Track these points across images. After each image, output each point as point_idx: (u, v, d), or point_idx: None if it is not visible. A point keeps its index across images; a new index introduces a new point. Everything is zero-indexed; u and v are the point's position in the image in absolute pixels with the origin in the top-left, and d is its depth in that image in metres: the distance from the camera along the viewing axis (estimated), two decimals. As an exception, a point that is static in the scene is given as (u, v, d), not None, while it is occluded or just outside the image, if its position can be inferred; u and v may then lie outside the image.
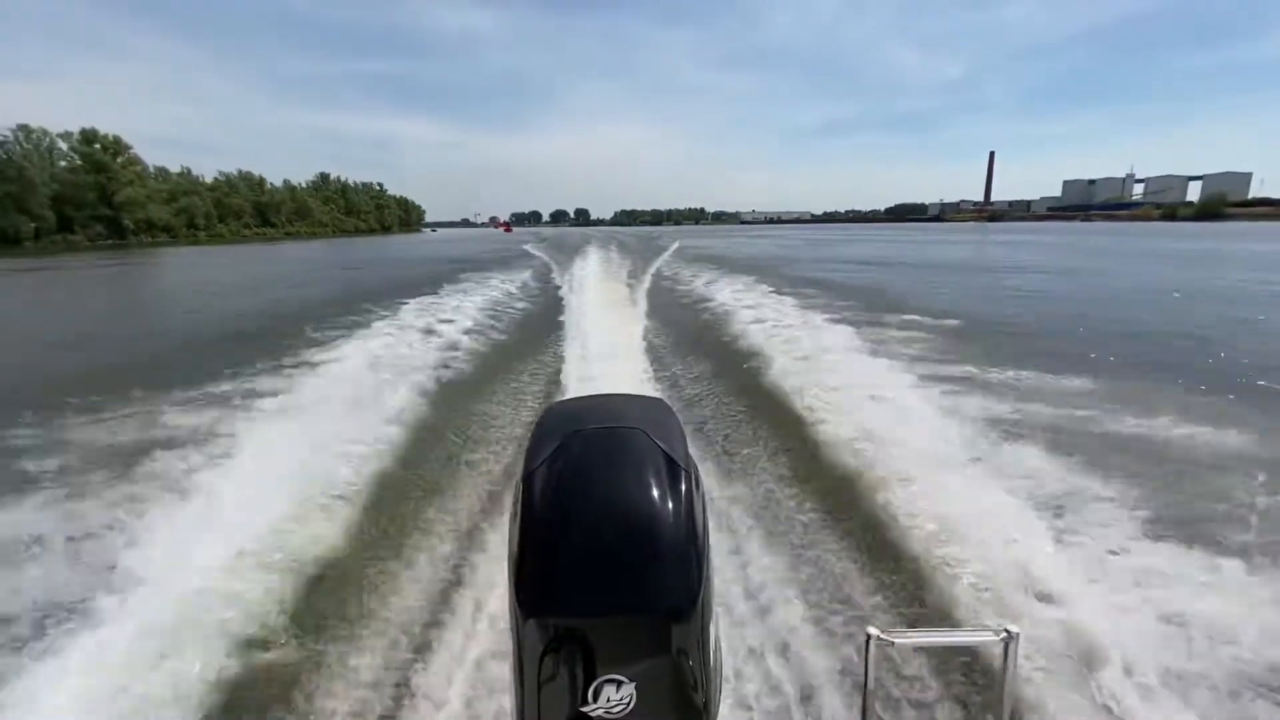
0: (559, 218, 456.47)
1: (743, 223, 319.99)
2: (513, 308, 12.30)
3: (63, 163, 61.91)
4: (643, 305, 12.91)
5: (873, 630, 0.91)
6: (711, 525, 0.91)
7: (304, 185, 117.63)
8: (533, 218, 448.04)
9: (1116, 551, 3.05)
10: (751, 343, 7.78)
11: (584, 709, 0.77)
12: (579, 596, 0.78)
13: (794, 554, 3.37)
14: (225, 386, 6.36)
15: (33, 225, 56.12)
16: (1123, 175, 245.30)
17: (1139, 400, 5.59)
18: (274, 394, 5.86)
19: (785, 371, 6.27)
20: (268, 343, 8.79)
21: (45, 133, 60.67)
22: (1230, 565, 2.89)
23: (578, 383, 6.75)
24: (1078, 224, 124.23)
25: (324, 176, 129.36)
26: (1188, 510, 3.48)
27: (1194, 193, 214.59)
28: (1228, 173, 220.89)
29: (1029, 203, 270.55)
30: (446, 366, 6.94)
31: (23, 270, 30.20)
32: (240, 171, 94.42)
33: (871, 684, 0.95)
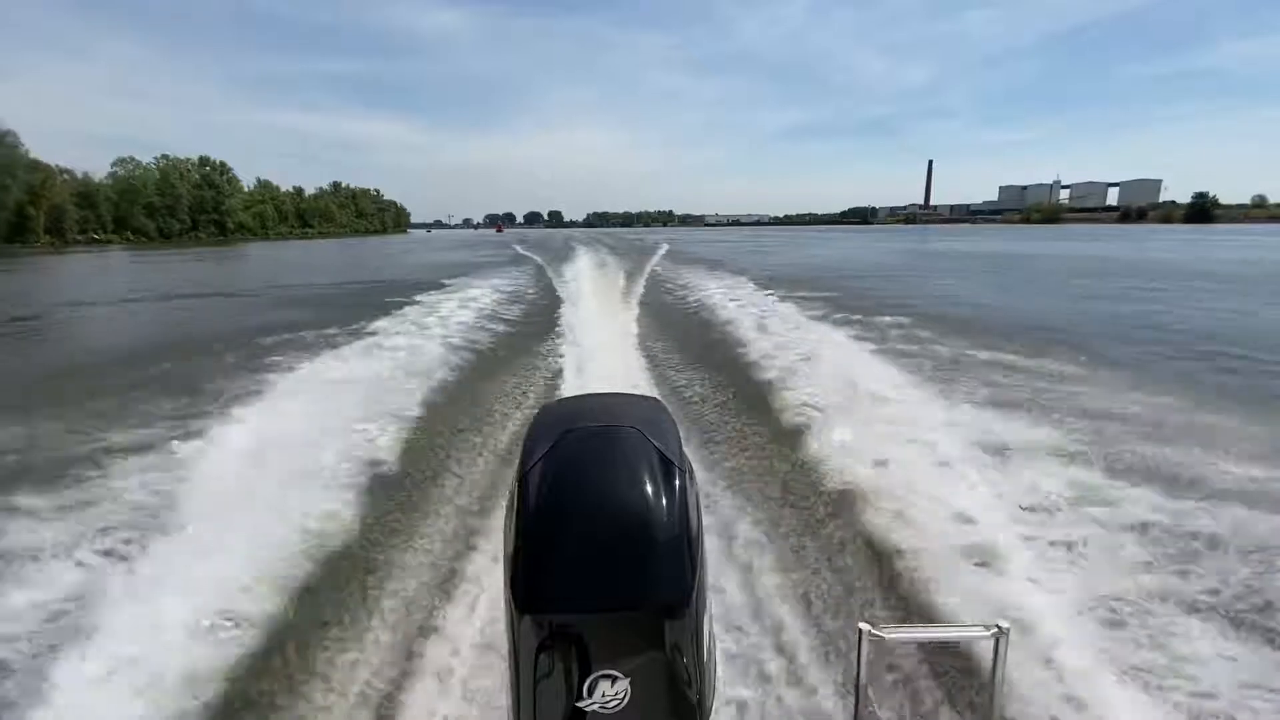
0: (533, 219, 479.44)
1: (706, 225, 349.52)
2: (509, 307, 12.42)
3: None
4: (637, 304, 13.39)
5: (865, 626, 0.93)
6: (705, 522, 0.96)
7: (320, 190, 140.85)
8: (506, 219, 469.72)
9: (1108, 547, 3.06)
10: (746, 342, 7.84)
11: (579, 704, 0.80)
12: (573, 593, 0.81)
13: (787, 550, 3.44)
14: (232, 380, 6.41)
15: (178, 226, 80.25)
16: (1050, 181, 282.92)
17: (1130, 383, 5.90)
18: (271, 389, 5.92)
19: (779, 370, 6.31)
20: (277, 337, 9.04)
21: (177, 158, 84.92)
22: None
23: (573, 382, 6.90)
24: (965, 225, 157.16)
25: (336, 185, 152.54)
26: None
27: (1113, 197, 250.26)
28: (1140, 180, 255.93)
29: (968, 206, 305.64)
30: (442, 365, 6.98)
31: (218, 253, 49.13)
32: (260, 180, 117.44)
33: (864, 679, 0.98)
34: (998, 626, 0.92)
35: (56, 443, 4.88)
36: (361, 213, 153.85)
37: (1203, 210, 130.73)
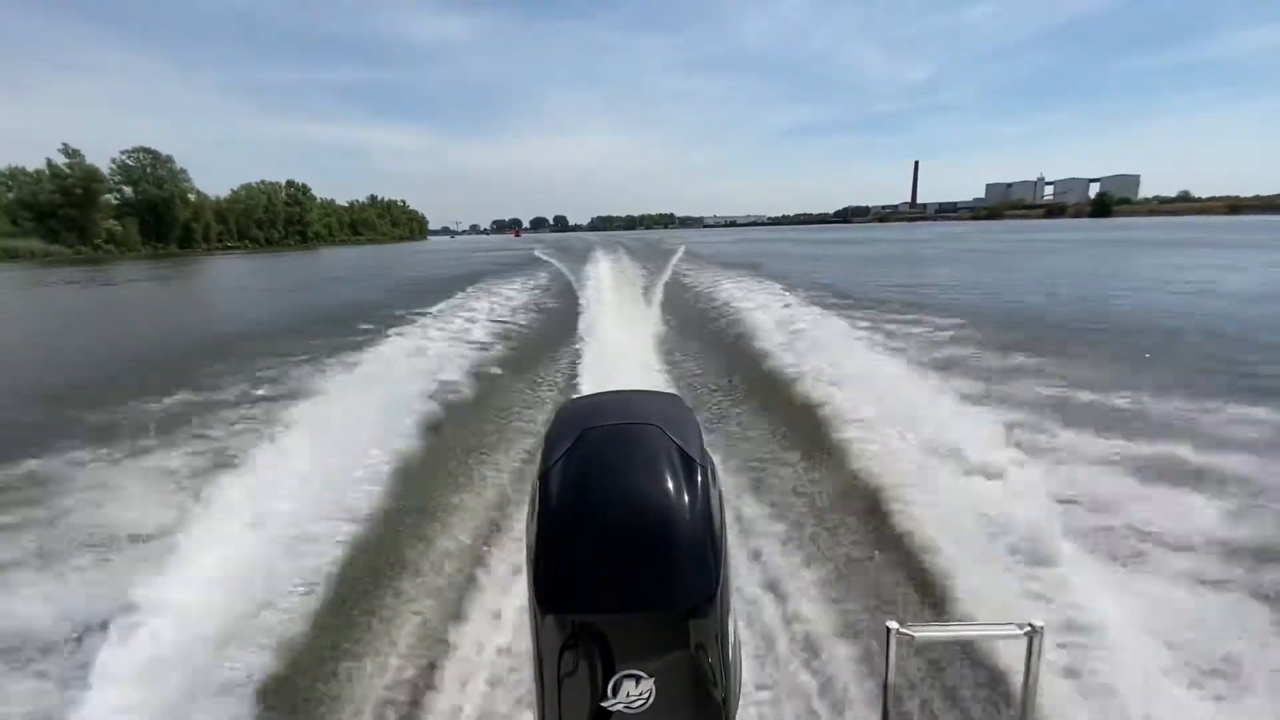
0: (538, 224, 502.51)
1: (705, 226, 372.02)
2: (529, 307, 12.73)
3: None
4: (657, 303, 13.64)
5: (892, 624, 0.93)
6: (729, 520, 0.94)
7: (361, 202, 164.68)
8: (512, 224, 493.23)
9: (1145, 541, 3.06)
10: (766, 339, 7.91)
11: (604, 704, 0.81)
12: (596, 592, 0.81)
13: (812, 547, 3.43)
14: (262, 380, 7.00)
15: (276, 235, 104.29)
16: (1035, 179, 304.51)
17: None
18: (298, 391, 6.19)
19: (801, 365, 6.31)
20: (310, 338, 9.78)
21: (271, 181, 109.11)
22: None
23: (593, 379, 6.96)
24: (928, 222, 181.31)
25: (372, 197, 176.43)
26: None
27: (1094, 192, 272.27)
28: (1120, 175, 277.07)
29: (955, 203, 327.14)
30: (465, 364, 7.17)
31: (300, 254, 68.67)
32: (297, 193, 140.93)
33: (892, 678, 0.97)
34: (1030, 625, 0.91)
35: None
36: (396, 221, 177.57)
37: (1104, 207, 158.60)
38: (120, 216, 74.31)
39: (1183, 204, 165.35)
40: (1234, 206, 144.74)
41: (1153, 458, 4.17)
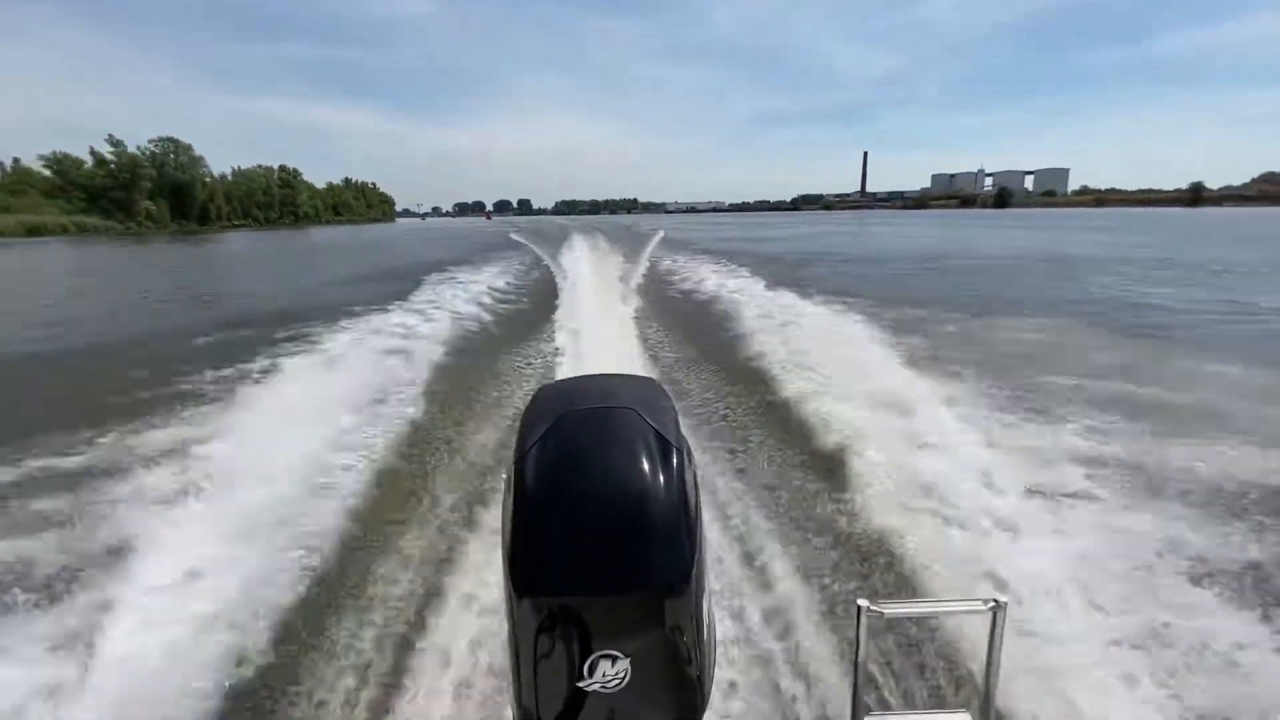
0: (502, 207, 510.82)
1: (666, 211, 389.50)
2: (505, 291, 12.91)
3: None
4: (635, 287, 14.04)
5: (863, 602, 0.97)
6: (704, 502, 0.98)
7: (334, 184, 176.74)
8: (476, 208, 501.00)
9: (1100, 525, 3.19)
10: (741, 321, 8.20)
11: (580, 684, 0.83)
12: (572, 575, 0.83)
13: (785, 528, 3.56)
14: (234, 362, 7.00)
15: (273, 215, 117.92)
16: (975, 170, 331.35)
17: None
18: (270, 372, 6.20)
19: (774, 348, 6.59)
20: (286, 321, 9.84)
21: (267, 165, 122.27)
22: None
23: (570, 363, 7.09)
24: (866, 210, 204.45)
25: (347, 180, 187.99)
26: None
27: (1029, 184, 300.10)
28: (1051, 168, 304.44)
29: (903, 193, 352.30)
30: (440, 348, 7.25)
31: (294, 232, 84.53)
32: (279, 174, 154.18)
33: (863, 654, 1.01)
34: (995, 600, 0.95)
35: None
36: (370, 203, 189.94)
37: (1002, 200, 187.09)
38: (152, 197, 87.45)
39: (1077, 197, 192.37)
40: (1099, 200, 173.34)
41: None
